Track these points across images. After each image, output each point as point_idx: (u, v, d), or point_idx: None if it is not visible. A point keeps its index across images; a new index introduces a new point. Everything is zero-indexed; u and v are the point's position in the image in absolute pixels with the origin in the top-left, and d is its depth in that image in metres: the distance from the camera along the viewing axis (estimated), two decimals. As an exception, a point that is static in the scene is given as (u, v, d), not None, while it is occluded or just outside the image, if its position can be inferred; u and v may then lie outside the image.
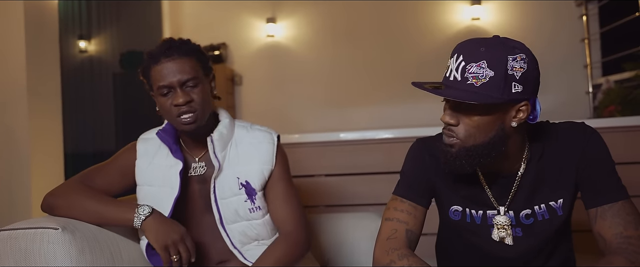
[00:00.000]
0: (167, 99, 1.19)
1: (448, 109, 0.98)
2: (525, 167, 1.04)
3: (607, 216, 0.98)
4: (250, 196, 1.26)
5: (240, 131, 1.32)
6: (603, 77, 3.56)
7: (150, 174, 1.27)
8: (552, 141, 1.05)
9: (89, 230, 1.14)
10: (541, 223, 1.06)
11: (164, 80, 1.17)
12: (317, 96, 4.33)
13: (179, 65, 1.18)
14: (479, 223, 1.10)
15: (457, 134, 0.97)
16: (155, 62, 1.19)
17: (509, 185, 1.06)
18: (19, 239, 1.05)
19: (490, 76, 0.90)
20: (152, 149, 1.30)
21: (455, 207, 1.12)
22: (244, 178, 1.26)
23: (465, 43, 0.96)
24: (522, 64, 0.91)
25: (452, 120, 0.97)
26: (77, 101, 4.27)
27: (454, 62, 0.94)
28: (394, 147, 2.19)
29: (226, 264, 1.30)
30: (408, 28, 4.20)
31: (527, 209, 1.06)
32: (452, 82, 0.94)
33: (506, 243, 1.07)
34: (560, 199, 1.04)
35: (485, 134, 0.95)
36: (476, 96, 0.90)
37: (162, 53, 1.18)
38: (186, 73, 1.18)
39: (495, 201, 1.07)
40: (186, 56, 1.20)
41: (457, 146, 0.97)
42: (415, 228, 1.12)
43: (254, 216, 1.27)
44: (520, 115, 0.95)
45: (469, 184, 1.09)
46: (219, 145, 1.26)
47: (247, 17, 4.46)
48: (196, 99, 1.19)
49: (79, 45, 4.71)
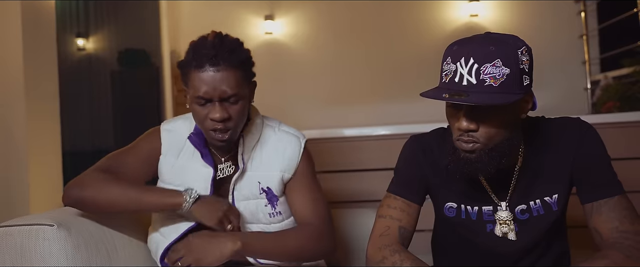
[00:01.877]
0: (203, 108, 1.11)
1: (464, 115, 0.94)
2: (522, 162, 1.04)
3: (603, 211, 0.98)
4: (271, 201, 1.23)
5: (267, 131, 1.28)
6: (601, 74, 3.56)
7: (175, 174, 1.22)
8: (548, 136, 1.05)
9: (85, 227, 1.14)
10: (536, 218, 1.06)
11: (204, 91, 1.07)
12: (316, 93, 4.32)
13: (223, 78, 1.07)
14: (474, 219, 1.10)
15: (478, 138, 0.94)
16: (198, 67, 1.07)
17: (507, 179, 1.05)
18: (15, 235, 1.05)
19: (507, 74, 0.88)
20: (177, 144, 1.23)
21: (450, 203, 1.12)
22: (265, 184, 1.22)
23: (467, 46, 0.92)
24: (528, 56, 0.92)
25: (472, 125, 0.94)
26: (75, 99, 4.26)
27: (464, 66, 0.90)
28: (391, 143, 2.18)
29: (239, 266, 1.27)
30: (406, 25, 4.20)
31: (522, 204, 1.06)
32: (466, 87, 0.90)
33: (509, 238, 1.07)
34: (555, 194, 1.04)
35: (504, 133, 0.95)
36: (501, 97, 0.88)
37: (209, 60, 1.06)
38: (230, 88, 1.08)
39: (494, 196, 1.07)
40: (233, 68, 1.08)
41: (479, 149, 0.95)
42: (409, 225, 1.12)
43: (273, 221, 1.25)
44: (528, 106, 0.97)
45: (466, 179, 1.08)
46: (248, 146, 1.22)
47: (245, 15, 4.45)
48: (234, 116, 1.11)
49: (76, 43, 4.69)
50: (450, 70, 0.92)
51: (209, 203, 1.16)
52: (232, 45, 1.11)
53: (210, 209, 1.15)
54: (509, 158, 0.99)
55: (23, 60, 2.46)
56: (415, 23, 4.18)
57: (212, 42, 1.08)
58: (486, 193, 1.07)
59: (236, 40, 1.14)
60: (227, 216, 1.16)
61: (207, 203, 1.15)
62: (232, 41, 1.12)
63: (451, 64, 0.92)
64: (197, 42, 1.11)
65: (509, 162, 1.04)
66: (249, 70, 1.16)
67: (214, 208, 1.15)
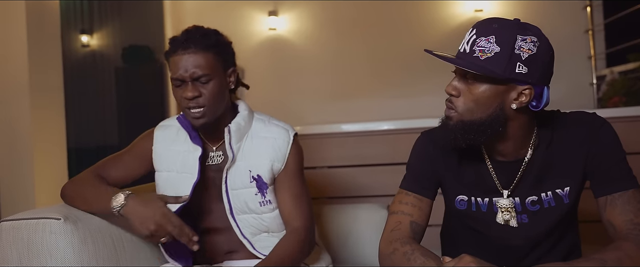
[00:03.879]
0: (179, 90, 1.19)
1: (453, 80, 1.00)
2: (532, 153, 1.04)
3: (618, 204, 0.98)
4: (261, 189, 1.26)
5: (257, 124, 1.32)
6: (607, 69, 3.54)
7: (169, 159, 1.27)
8: (562, 129, 1.05)
9: (91, 220, 1.14)
10: (547, 210, 1.05)
11: (177, 72, 1.17)
12: (320, 89, 4.32)
13: (193, 60, 1.16)
14: (484, 211, 1.10)
15: (456, 106, 0.99)
16: (172, 52, 1.18)
17: (515, 170, 1.06)
18: (21, 229, 1.06)
19: (496, 51, 0.92)
20: (171, 135, 1.30)
21: (461, 196, 1.13)
22: (256, 172, 1.25)
23: (484, 19, 0.98)
24: (531, 46, 0.92)
25: (453, 91, 0.99)
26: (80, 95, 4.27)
27: (468, 36, 0.97)
28: (396, 138, 2.18)
29: (234, 255, 1.31)
30: (410, 20, 4.18)
31: (533, 195, 1.06)
32: (461, 53, 0.97)
33: (511, 225, 1.07)
34: (567, 186, 1.04)
35: (483, 111, 0.96)
36: (476, 67, 0.92)
37: (180, 44, 1.17)
38: (200, 68, 1.16)
39: (500, 186, 1.07)
40: (203, 51, 1.17)
41: (455, 118, 0.99)
42: (420, 220, 1.12)
43: (264, 210, 1.27)
44: (522, 98, 0.96)
45: (476, 170, 1.09)
46: (235, 136, 1.25)
47: (249, 11, 4.45)
48: (206, 94, 1.18)
49: (81, 40, 4.70)
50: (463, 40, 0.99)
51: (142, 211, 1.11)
52: (205, 31, 1.21)
53: (142, 217, 1.10)
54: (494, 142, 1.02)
55: (28, 56, 2.46)
56: (419, 18, 4.16)
57: (186, 30, 1.20)
58: (494, 183, 1.07)
59: (212, 30, 1.23)
60: (163, 226, 1.10)
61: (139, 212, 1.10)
62: (207, 29, 1.22)
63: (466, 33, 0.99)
64: (175, 35, 1.21)
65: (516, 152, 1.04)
66: (223, 55, 1.23)
67: (146, 216, 1.10)
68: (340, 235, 1.75)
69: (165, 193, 1.24)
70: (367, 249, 1.72)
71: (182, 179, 1.23)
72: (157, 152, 1.28)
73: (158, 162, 1.28)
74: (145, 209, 1.11)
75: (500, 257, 1.12)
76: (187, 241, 1.13)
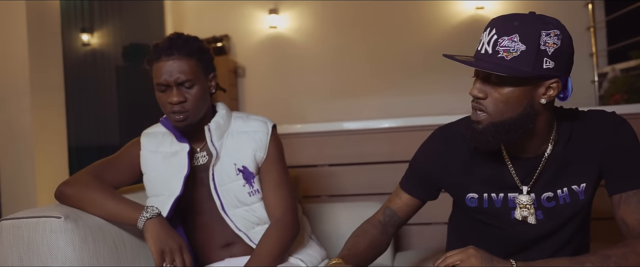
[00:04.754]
0: (163, 95, 1.24)
1: (477, 83, 0.97)
2: (552, 149, 1.03)
3: (632, 202, 0.98)
4: (248, 180, 1.30)
5: (236, 122, 1.37)
6: (609, 66, 3.53)
7: (155, 160, 1.30)
8: (581, 125, 1.04)
9: (92, 219, 1.14)
10: (562, 207, 1.05)
11: (161, 78, 1.21)
12: (321, 87, 4.31)
13: (177, 66, 1.21)
14: (498, 207, 1.09)
15: (485, 107, 0.96)
16: (156, 59, 1.22)
17: (534, 166, 1.05)
18: (22, 228, 1.05)
19: (522, 50, 0.90)
20: (156, 140, 1.34)
21: (471, 194, 1.12)
22: (241, 164, 1.30)
23: (499, 17, 0.95)
24: (555, 40, 0.91)
25: (480, 93, 0.96)
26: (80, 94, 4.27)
27: (487, 36, 0.94)
28: (397, 136, 2.18)
29: (232, 247, 1.34)
30: (411, 17, 4.17)
31: (549, 192, 1.05)
32: (483, 55, 0.93)
33: (529, 222, 1.06)
34: (583, 183, 1.04)
35: (513, 110, 0.94)
36: (505, 69, 0.89)
37: (164, 51, 1.21)
38: (184, 74, 1.21)
39: (519, 181, 1.06)
40: (186, 57, 1.22)
41: (485, 121, 0.96)
42: (401, 214, 1.20)
43: (254, 200, 1.31)
44: (550, 92, 0.95)
45: (493, 166, 1.08)
46: (215, 134, 1.30)
47: (250, 9, 4.44)
48: (190, 99, 1.24)
49: (81, 38, 4.69)
50: (480, 39, 0.96)
51: (165, 230, 1.14)
52: (186, 38, 1.26)
53: (162, 235, 1.13)
54: (521, 139, 0.99)
55: (28, 55, 2.46)
56: (420, 16, 4.15)
57: (169, 37, 1.25)
58: (512, 179, 1.06)
59: (193, 37, 1.28)
60: (173, 253, 1.13)
61: (162, 228, 1.14)
62: (188, 36, 1.27)
63: (483, 33, 0.96)
64: (157, 42, 1.25)
65: (537, 148, 1.03)
66: (204, 61, 1.28)
67: (164, 237, 1.13)
68: (340, 233, 1.75)
69: (156, 192, 1.28)
70: (368, 247, 1.72)
71: (171, 175, 1.25)
72: (144, 156, 1.32)
73: (145, 165, 1.31)
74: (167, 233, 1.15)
75: (509, 251, 1.11)
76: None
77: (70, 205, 1.17)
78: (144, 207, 1.16)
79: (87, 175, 1.23)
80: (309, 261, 1.36)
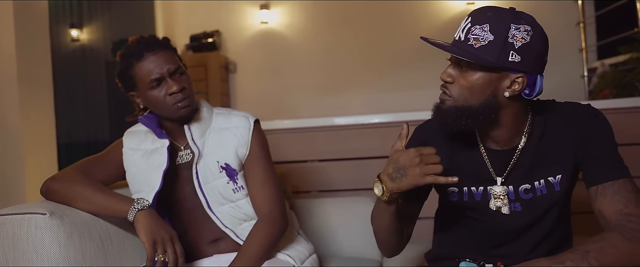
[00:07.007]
0: (158, 91, 1.23)
1: (448, 68, 1.01)
2: (525, 142, 1.05)
3: (608, 193, 0.98)
4: (231, 177, 1.30)
5: (218, 118, 1.37)
6: (598, 61, 3.55)
7: (136, 157, 1.30)
8: (556, 118, 1.06)
9: (78, 215, 1.13)
10: (539, 198, 1.06)
11: (154, 73, 1.21)
12: (312, 82, 4.31)
13: (164, 58, 1.23)
14: (478, 200, 1.10)
15: (451, 92, 1.00)
16: (138, 59, 1.22)
17: (509, 158, 1.06)
18: (6, 224, 1.04)
19: (490, 40, 0.93)
20: (138, 138, 1.34)
21: (452, 188, 1.13)
22: (223, 161, 1.30)
23: (479, 8, 0.99)
24: (524, 35, 0.93)
25: (448, 78, 1.00)
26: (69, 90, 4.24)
27: (463, 23, 0.98)
28: (387, 131, 2.18)
29: (219, 243, 1.34)
30: (402, 13, 4.17)
31: (526, 184, 1.06)
32: (456, 41, 0.98)
33: (503, 212, 1.08)
34: (559, 174, 1.05)
35: (477, 97, 0.97)
36: (470, 55, 0.93)
37: (145, 48, 1.22)
38: (173, 63, 1.24)
39: (494, 173, 1.08)
40: (167, 49, 1.26)
41: (449, 103, 1.00)
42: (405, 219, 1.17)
43: (239, 197, 1.30)
44: (515, 86, 0.97)
45: (471, 160, 1.10)
46: (196, 131, 1.30)
47: (241, 4, 4.42)
48: (187, 85, 1.26)
49: (70, 34, 4.65)
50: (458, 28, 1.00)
51: (156, 221, 1.14)
52: (156, 36, 1.28)
53: (152, 227, 1.13)
54: (488, 129, 1.03)
55: (16, 51, 2.43)
56: (411, 12, 4.16)
57: (139, 37, 1.26)
58: (489, 172, 1.08)
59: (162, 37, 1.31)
60: (164, 244, 1.12)
61: (153, 219, 1.14)
62: (156, 35, 1.30)
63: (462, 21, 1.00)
64: (126, 47, 1.26)
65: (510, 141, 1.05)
66: (178, 55, 1.31)
67: (155, 228, 1.13)
68: (331, 228, 1.75)
69: (137, 188, 1.28)
70: (355, 241, 1.72)
71: (151, 171, 1.25)
72: (126, 153, 1.32)
73: (127, 162, 1.31)
74: (158, 224, 1.15)
75: (493, 243, 1.12)
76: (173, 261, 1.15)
77: (58, 200, 1.16)
78: (135, 199, 1.16)
79: (74, 171, 1.23)
80: (296, 256, 1.36)
